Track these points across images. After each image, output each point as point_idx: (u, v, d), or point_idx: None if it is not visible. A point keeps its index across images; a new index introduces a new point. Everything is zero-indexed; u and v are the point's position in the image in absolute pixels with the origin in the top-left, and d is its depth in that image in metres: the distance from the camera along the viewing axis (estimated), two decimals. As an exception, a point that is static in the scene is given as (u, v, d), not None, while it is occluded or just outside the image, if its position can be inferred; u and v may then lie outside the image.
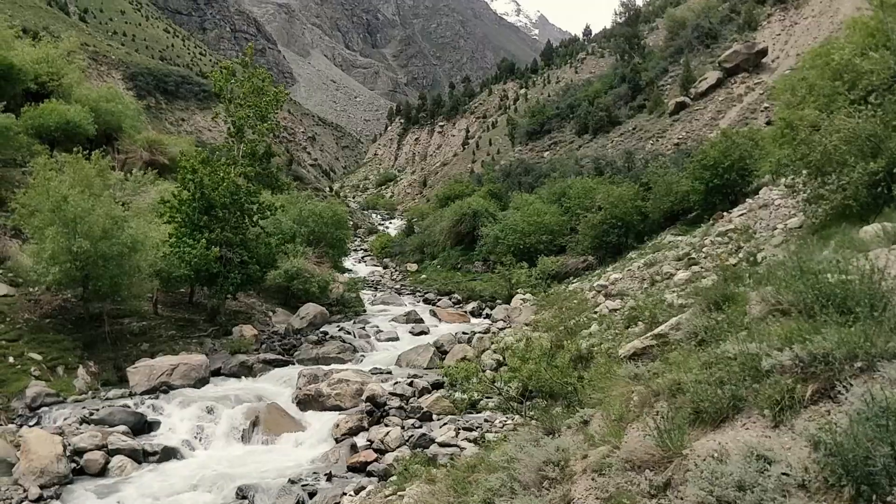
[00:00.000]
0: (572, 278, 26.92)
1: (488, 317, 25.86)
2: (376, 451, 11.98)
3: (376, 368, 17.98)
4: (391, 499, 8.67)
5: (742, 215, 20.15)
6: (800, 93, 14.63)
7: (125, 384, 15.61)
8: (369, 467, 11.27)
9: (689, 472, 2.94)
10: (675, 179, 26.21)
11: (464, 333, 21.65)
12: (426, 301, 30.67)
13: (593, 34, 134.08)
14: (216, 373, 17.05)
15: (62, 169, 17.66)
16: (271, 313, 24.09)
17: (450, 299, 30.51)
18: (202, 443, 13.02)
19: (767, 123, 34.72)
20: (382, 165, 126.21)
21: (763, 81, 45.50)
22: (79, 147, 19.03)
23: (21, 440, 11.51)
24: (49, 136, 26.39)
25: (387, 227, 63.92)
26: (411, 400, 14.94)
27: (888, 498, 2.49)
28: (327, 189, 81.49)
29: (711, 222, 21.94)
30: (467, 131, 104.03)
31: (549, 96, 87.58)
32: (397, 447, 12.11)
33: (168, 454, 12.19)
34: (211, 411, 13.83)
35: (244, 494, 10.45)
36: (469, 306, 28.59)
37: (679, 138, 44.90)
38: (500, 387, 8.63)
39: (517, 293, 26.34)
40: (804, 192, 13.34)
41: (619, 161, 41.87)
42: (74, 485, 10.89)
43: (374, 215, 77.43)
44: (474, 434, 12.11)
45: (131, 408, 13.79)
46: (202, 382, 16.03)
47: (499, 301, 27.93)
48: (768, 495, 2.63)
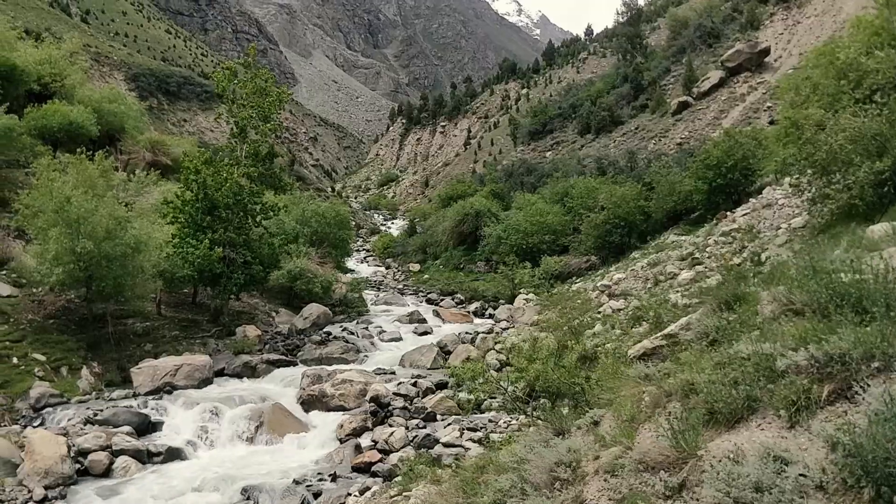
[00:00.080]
0: (575, 278, 26.89)
1: (491, 317, 25.83)
2: (381, 451, 11.96)
3: (380, 369, 17.95)
4: (396, 499, 8.65)
5: (746, 215, 20.10)
6: (804, 92, 14.59)
7: (129, 385, 15.63)
8: (374, 468, 11.24)
9: (705, 473, 2.91)
10: (677, 179, 26.18)
11: (467, 333, 21.61)
12: (429, 301, 30.64)
13: (595, 34, 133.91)
14: (220, 373, 17.07)
15: (65, 170, 17.68)
16: (274, 314, 24.08)
17: (453, 299, 30.48)
18: (206, 443, 12.99)
19: (770, 123, 34.70)
20: (384, 166, 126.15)
21: (766, 81, 45.44)
22: (82, 148, 19.06)
23: (25, 441, 11.51)
24: (52, 137, 26.44)
25: (389, 228, 63.92)
26: (415, 400, 14.91)
27: (909, 499, 2.47)
28: (329, 189, 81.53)
29: (715, 222, 21.88)
30: (469, 131, 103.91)
31: (551, 96, 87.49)
32: (401, 447, 12.08)
33: (172, 455, 12.17)
34: (215, 412, 13.80)
35: (249, 495, 10.43)
36: (472, 306, 28.56)
37: (682, 138, 44.86)
38: (506, 387, 8.60)
39: (520, 293, 26.30)
40: (809, 192, 13.30)
41: (621, 161, 41.82)
42: (79, 485, 10.89)
43: (376, 215, 77.41)
44: (479, 434, 12.08)
45: (135, 408, 13.78)
46: (206, 383, 16.04)
47: (502, 301, 27.91)
48: (786, 497, 2.60)
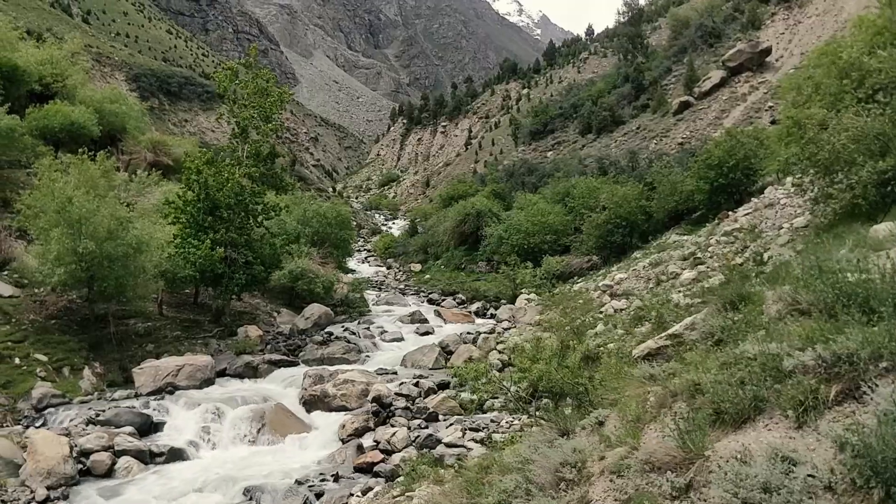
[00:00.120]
0: (577, 278, 26.88)
1: (493, 317, 25.82)
2: (383, 451, 11.95)
3: (381, 369, 17.95)
4: (399, 500, 8.64)
5: (747, 214, 20.07)
6: (806, 91, 14.55)
7: (131, 385, 15.63)
8: (376, 468, 11.23)
9: (713, 474, 2.90)
10: (679, 179, 26.15)
11: (468, 334, 21.60)
12: (430, 301, 30.64)
13: (595, 34, 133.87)
14: (221, 373, 17.06)
15: (67, 170, 17.66)
16: (276, 314, 24.08)
17: (454, 299, 30.47)
18: (208, 444, 12.99)
19: (772, 122, 34.66)
20: (385, 166, 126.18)
21: (767, 80, 45.40)
22: (83, 148, 19.04)
23: (28, 441, 11.52)
24: (54, 137, 26.43)
25: (390, 228, 63.93)
26: (417, 400, 14.90)
27: (919, 500, 2.45)
28: (330, 189, 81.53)
29: (717, 222, 21.86)
30: (470, 131, 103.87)
31: (552, 96, 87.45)
32: (404, 448, 12.06)
33: (174, 455, 12.17)
34: (217, 412, 13.79)
35: (251, 496, 10.43)
36: (473, 306, 28.54)
37: (683, 137, 44.81)
38: (509, 387, 8.59)
39: (522, 293, 26.28)
40: (812, 191, 13.28)
41: (622, 161, 41.79)
42: (81, 486, 10.89)
43: (377, 216, 77.43)
44: (481, 434, 12.07)
45: (137, 409, 13.78)
46: (207, 383, 16.04)
47: (503, 301, 27.90)
48: (795, 497, 2.59)
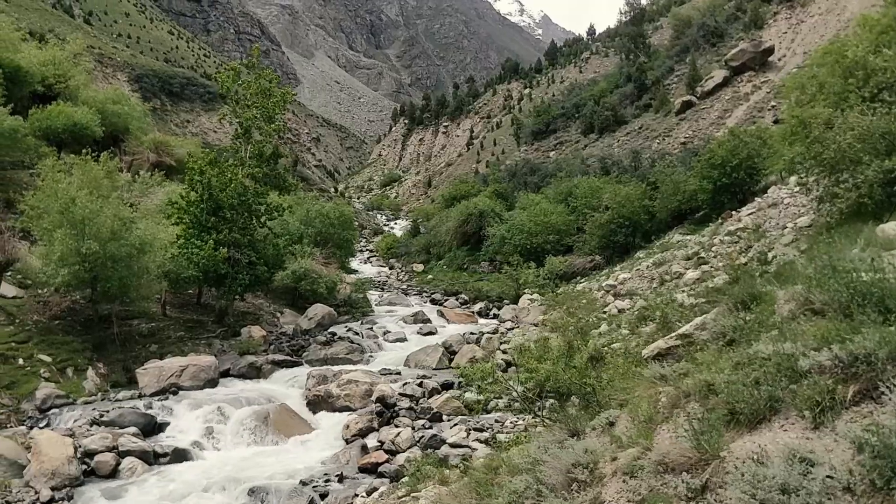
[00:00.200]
0: (580, 278, 26.85)
1: (496, 317, 25.78)
2: (387, 451, 11.93)
3: (385, 369, 17.92)
4: (405, 500, 8.61)
5: (751, 214, 20.04)
6: (810, 90, 14.50)
7: (134, 386, 15.63)
8: (380, 468, 11.21)
9: (729, 475, 2.87)
10: (682, 178, 26.12)
11: (472, 334, 21.56)
12: (433, 301, 30.61)
13: (597, 34, 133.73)
14: (225, 374, 17.06)
15: (70, 171, 17.68)
16: (279, 314, 24.08)
17: (457, 299, 30.43)
18: (212, 444, 12.98)
19: (775, 122, 34.54)
20: (387, 166, 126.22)
21: (770, 80, 45.27)
22: (86, 149, 19.06)
23: (32, 442, 11.51)
24: (56, 138, 26.46)
25: (392, 228, 63.92)
26: (421, 400, 14.87)
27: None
28: (332, 190, 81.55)
29: (720, 221, 21.82)
30: (472, 131, 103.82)
31: (554, 96, 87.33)
32: (408, 448, 12.04)
33: (178, 456, 12.16)
34: (221, 413, 13.79)
35: (256, 496, 10.41)
36: (476, 307, 28.51)
37: (686, 137, 44.71)
38: (515, 387, 8.57)
39: (525, 293, 26.26)
40: (817, 191, 13.23)
41: (625, 160, 41.73)
42: (85, 486, 10.89)
43: (379, 216, 77.44)
44: (485, 435, 12.04)
45: (141, 409, 13.77)
46: (211, 384, 16.03)
47: (506, 301, 27.86)
48: (814, 499, 2.56)
